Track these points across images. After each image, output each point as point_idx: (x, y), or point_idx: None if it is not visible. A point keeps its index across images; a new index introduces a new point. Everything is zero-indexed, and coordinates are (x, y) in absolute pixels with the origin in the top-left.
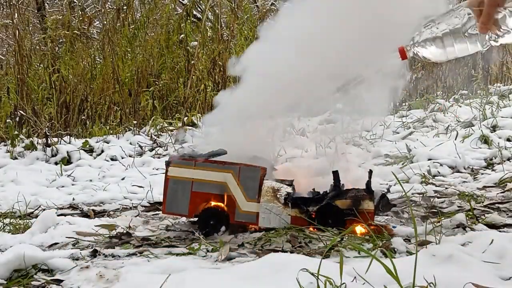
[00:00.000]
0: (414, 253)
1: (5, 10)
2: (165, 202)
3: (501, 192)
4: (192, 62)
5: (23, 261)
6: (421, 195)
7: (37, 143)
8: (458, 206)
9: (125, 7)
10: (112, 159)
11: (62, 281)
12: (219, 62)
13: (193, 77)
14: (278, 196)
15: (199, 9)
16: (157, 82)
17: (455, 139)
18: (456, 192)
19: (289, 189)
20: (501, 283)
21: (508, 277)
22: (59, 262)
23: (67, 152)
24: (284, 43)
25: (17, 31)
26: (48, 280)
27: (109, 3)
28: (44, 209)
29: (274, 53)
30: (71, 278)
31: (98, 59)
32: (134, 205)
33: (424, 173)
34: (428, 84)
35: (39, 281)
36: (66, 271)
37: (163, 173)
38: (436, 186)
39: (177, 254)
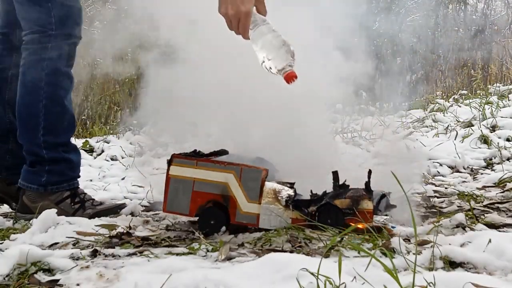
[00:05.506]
0: (414, 253)
1: None
2: (166, 201)
3: (500, 192)
4: None
5: (23, 261)
6: (421, 195)
7: None
8: (458, 206)
9: (125, 7)
10: (112, 159)
11: (61, 280)
12: None
13: None
14: (279, 198)
15: None
16: None
17: (455, 139)
18: (456, 192)
19: (291, 191)
20: (501, 283)
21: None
22: (59, 262)
23: None
24: None
25: None
26: (48, 280)
27: (109, 3)
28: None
29: None
30: (71, 278)
31: (98, 59)
32: None
33: (423, 173)
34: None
35: (39, 280)
36: (66, 270)
37: (163, 173)
38: (436, 186)
39: (177, 254)
